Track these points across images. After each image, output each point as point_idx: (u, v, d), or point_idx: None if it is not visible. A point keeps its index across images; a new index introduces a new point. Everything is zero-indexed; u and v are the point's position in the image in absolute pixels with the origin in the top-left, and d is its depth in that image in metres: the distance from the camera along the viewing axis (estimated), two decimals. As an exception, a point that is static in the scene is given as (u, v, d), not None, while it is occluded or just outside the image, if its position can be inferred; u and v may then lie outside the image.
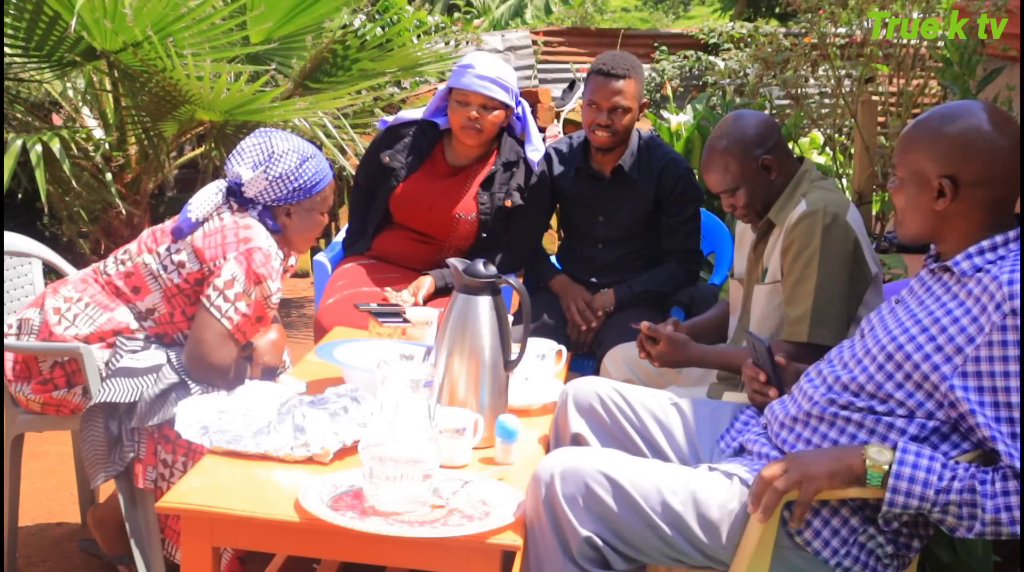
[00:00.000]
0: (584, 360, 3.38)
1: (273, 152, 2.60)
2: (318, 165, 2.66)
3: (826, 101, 6.36)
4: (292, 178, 2.61)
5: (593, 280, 3.46)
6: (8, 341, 2.62)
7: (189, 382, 2.52)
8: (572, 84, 8.86)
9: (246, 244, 2.52)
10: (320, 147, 4.78)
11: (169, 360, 2.55)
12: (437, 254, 3.41)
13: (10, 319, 2.67)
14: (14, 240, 2.99)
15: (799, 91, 5.91)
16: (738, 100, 6.70)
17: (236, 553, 2.52)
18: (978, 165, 1.90)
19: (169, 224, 2.66)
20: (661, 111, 7.58)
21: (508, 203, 3.38)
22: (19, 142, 3.98)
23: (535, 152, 3.42)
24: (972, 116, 1.93)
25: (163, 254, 2.59)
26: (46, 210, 4.49)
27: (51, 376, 2.62)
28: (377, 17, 6.38)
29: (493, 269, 2.31)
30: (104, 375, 2.55)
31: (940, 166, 1.92)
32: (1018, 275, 1.80)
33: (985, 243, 1.91)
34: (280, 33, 4.68)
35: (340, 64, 4.73)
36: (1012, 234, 1.91)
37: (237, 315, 2.51)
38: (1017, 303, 1.78)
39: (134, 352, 2.56)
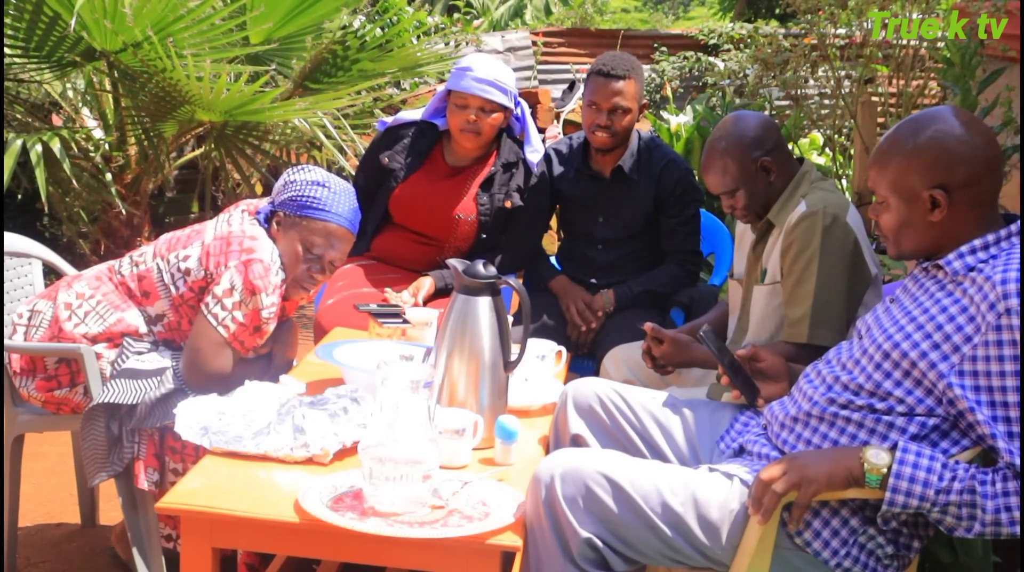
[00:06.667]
0: (584, 361, 3.38)
1: (307, 169, 2.65)
2: (327, 198, 2.60)
3: (826, 102, 6.37)
4: (295, 188, 2.62)
5: (593, 281, 3.46)
6: (11, 342, 2.63)
7: (188, 391, 2.52)
8: (572, 85, 8.85)
9: (248, 254, 2.52)
10: (320, 147, 4.80)
11: (174, 366, 2.56)
12: (437, 255, 3.41)
13: (21, 308, 2.68)
14: (14, 240, 3.00)
15: (799, 92, 5.91)
16: (738, 101, 6.71)
17: (246, 559, 2.53)
18: (962, 168, 1.92)
19: (186, 232, 2.66)
20: (661, 112, 7.59)
21: (508, 204, 3.38)
22: (19, 142, 3.97)
23: (534, 153, 3.42)
24: (940, 122, 1.95)
25: (172, 262, 2.59)
26: (46, 210, 4.49)
27: (56, 373, 2.62)
28: (377, 18, 6.39)
29: (493, 270, 2.31)
30: (109, 374, 2.56)
31: (926, 179, 1.93)
32: (1012, 274, 1.81)
33: (977, 242, 1.92)
34: (280, 34, 4.68)
35: (340, 65, 4.72)
36: (1003, 233, 1.92)
37: (234, 324, 2.51)
38: (1012, 302, 1.78)
39: (140, 354, 2.57)
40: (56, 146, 4.01)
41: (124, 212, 4.43)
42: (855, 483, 1.86)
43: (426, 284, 3.31)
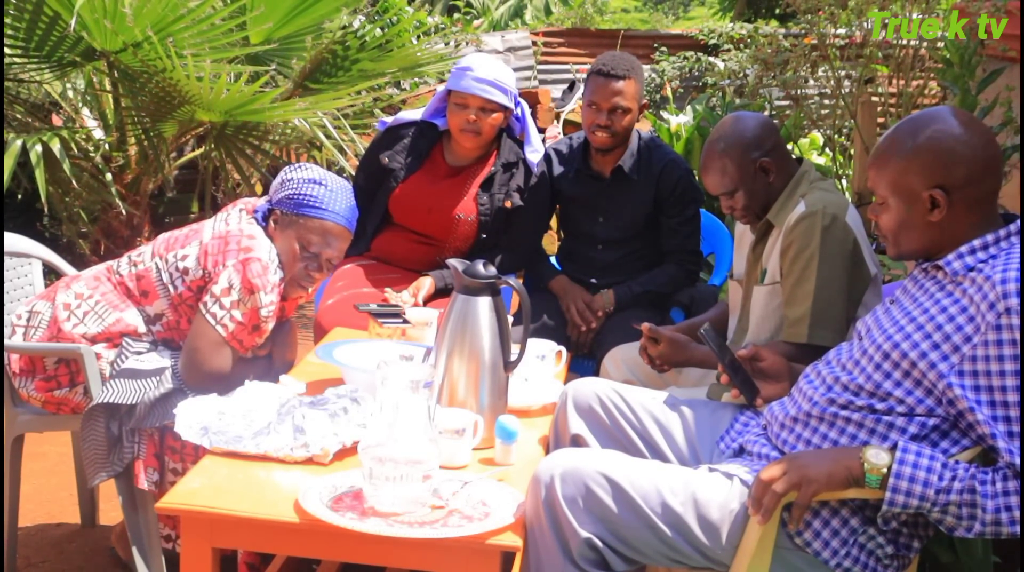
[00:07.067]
0: (584, 361, 3.38)
1: (304, 167, 2.64)
2: (324, 196, 2.59)
3: (826, 102, 6.37)
4: (293, 186, 2.61)
5: (593, 281, 3.46)
6: (11, 342, 2.63)
7: (188, 390, 2.52)
8: (572, 85, 8.85)
9: (246, 253, 2.52)
10: (320, 147, 4.80)
11: (173, 365, 2.56)
12: (437, 255, 3.41)
13: (20, 309, 2.68)
14: (14, 240, 3.00)
15: (799, 92, 5.91)
16: (738, 101, 6.70)
17: (246, 559, 2.53)
18: (962, 168, 1.92)
19: (185, 231, 2.66)
20: (661, 112, 7.59)
21: (508, 204, 3.38)
22: (19, 142, 3.98)
23: (534, 153, 3.42)
24: (939, 122, 1.95)
25: (170, 261, 2.59)
26: (46, 210, 4.49)
27: (55, 373, 2.62)
28: (377, 18, 6.39)
29: (493, 270, 2.31)
30: (108, 374, 2.56)
31: (926, 179, 1.93)
32: (1012, 274, 1.81)
33: (976, 242, 1.92)
34: (280, 34, 4.68)
35: (340, 65, 4.73)
36: (1003, 232, 1.92)
37: (232, 323, 2.51)
38: (1012, 302, 1.78)
39: (139, 353, 2.57)
40: (56, 146, 4.01)
41: (124, 212, 4.43)
42: (855, 483, 1.86)
43: (426, 284, 3.31)
